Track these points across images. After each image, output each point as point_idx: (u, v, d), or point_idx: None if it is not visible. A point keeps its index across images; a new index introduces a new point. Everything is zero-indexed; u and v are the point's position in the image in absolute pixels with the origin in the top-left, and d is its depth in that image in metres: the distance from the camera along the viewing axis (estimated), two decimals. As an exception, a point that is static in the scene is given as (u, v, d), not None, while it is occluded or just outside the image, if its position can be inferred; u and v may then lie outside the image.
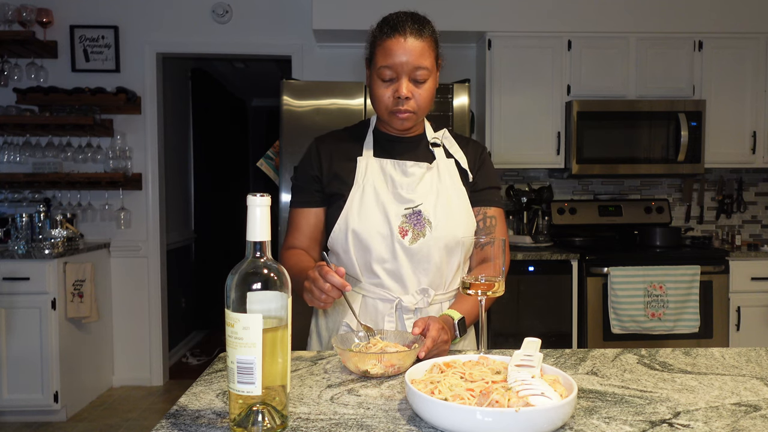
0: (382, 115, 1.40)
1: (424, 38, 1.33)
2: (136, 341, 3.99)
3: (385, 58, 1.33)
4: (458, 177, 1.44)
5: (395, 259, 1.35)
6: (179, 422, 0.85)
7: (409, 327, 1.34)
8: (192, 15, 3.89)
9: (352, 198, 1.38)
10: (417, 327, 1.16)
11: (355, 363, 1.06)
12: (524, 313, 3.38)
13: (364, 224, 1.36)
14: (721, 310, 3.42)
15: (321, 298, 1.15)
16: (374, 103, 1.42)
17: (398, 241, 1.34)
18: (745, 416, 0.86)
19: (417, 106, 1.36)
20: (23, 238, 3.39)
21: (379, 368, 1.05)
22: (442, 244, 1.36)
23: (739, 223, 4.13)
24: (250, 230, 0.80)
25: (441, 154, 1.45)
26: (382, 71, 1.34)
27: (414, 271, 1.36)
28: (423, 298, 1.36)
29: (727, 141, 3.73)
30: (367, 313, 1.38)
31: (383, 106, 1.37)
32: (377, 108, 1.40)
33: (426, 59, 1.33)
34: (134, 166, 3.93)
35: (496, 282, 1.10)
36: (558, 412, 0.78)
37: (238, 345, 0.77)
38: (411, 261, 1.35)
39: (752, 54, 3.72)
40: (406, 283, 1.36)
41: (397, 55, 1.31)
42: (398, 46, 1.31)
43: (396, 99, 1.34)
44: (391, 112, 1.36)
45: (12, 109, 3.71)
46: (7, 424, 3.26)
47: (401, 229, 1.35)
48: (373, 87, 1.39)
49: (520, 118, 3.67)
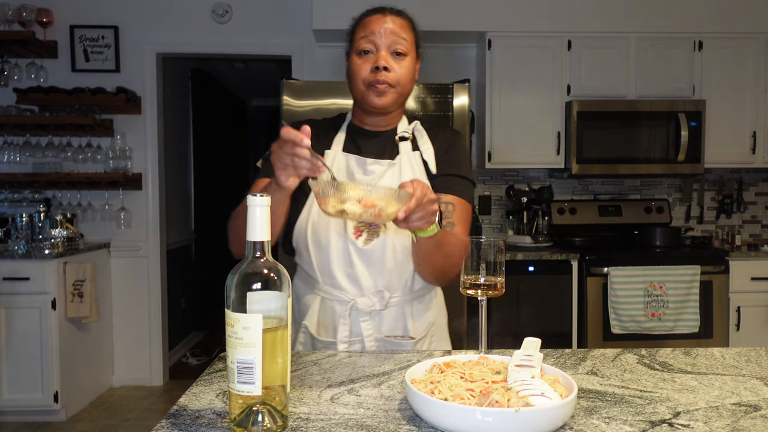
0: (359, 91, 1.34)
1: (404, 18, 1.35)
2: (136, 341, 3.99)
3: (364, 30, 1.32)
4: (422, 172, 1.37)
5: (350, 260, 1.31)
6: (179, 422, 0.85)
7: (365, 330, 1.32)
8: (192, 15, 3.89)
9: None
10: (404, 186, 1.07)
11: (333, 200, 0.99)
12: (524, 313, 3.38)
13: (322, 222, 1.32)
14: (721, 310, 3.42)
15: (296, 159, 1.04)
16: (352, 81, 1.36)
17: (352, 242, 1.31)
18: (745, 416, 0.86)
19: (396, 79, 1.31)
20: (23, 238, 3.40)
21: (358, 207, 0.99)
22: (398, 245, 1.31)
23: (739, 223, 4.13)
24: (250, 230, 0.80)
25: (407, 148, 1.39)
26: (360, 43, 1.32)
27: (369, 273, 1.32)
28: (379, 300, 1.32)
29: (727, 141, 3.73)
30: (325, 315, 1.35)
31: (360, 79, 1.32)
32: (354, 85, 1.34)
33: (406, 34, 1.32)
34: (134, 166, 3.93)
35: (498, 281, 1.10)
36: (558, 412, 0.78)
37: (238, 345, 0.77)
38: (365, 263, 1.31)
39: (752, 54, 3.72)
40: (362, 285, 1.32)
41: (377, 25, 1.31)
42: (378, 19, 1.32)
43: (374, 70, 1.30)
44: (369, 84, 1.31)
45: (12, 109, 3.71)
46: (7, 424, 3.26)
47: (356, 230, 1.32)
48: (351, 65, 1.35)
49: (520, 118, 3.67)
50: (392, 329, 1.35)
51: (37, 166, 3.81)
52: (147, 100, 3.90)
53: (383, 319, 1.34)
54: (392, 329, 1.35)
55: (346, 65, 1.40)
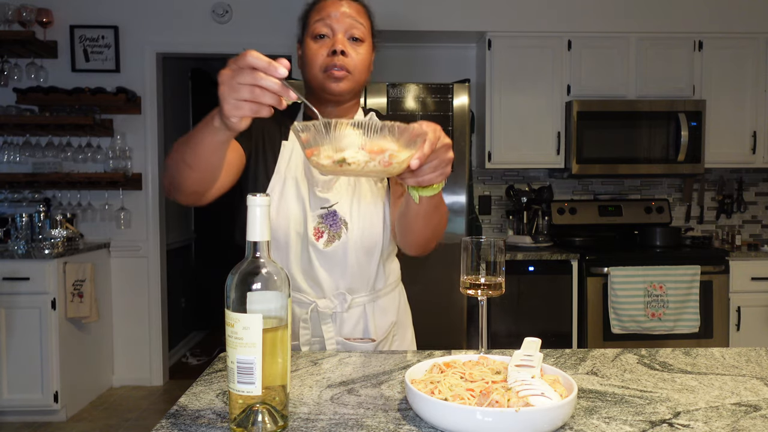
0: (316, 78, 1.26)
1: (360, 4, 1.29)
2: (136, 341, 3.98)
3: (319, 13, 1.26)
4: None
5: (310, 262, 1.26)
6: (179, 422, 0.85)
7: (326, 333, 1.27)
8: (192, 15, 3.89)
9: (272, 189, 1.26)
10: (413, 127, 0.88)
11: (328, 148, 0.80)
12: (524, 313, 3.38)
13: (282, 221, 1.25)
14: (721, 310, 3.42)
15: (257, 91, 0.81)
16: (306, 68, 1.28)
17: (312, 244, 1.25)
18: (745, 416, 0.86)
19: (353, 65, 1.25)
20: (23, 238, 3.40)
21: (362, 155, 0.79)
22: (360, 245, 1.27)
23: (739, 223, 4.13)
24: (250, 230, 0.80)
25: None
26: (316, 26, 1.25)
27: (330, 275, 1.27)
28: (340, 303, 1.28)
29: (727, 141, 3.73)
30: None
31: (317, 66, 1.25)
32: (310, 72, 1.27)
33: (362, 19, 1.27)
34: (134, 166, 3.93)
35: (498, 281, 1.10)
36: (558, 412, 0.78)
37: (238, 345, 0.77)
38: (326, 264, 1.26)
39: (752, 54, 3.72)
40: (323, 287, 1.28)
41: (333, 8, 1.25)
42: (334, 3, 1.26)
43: (331, 55, 1.23)
44: (326, 70, 1.24)
45: (12, 109, 3.71)
46: (7, 424, 3.26)
47: (316, 231, 1.26)
48: (306, 50, 1.28)
49: (520, 118, 3.67)
50: (353, 332, 1.32)
51: (37, 166, 3.81)
52: (147, 100, 3.90)
53: (344, 321, 1.31)
54: (353, 332, 1.32)
55: (299, 53, 1.32)
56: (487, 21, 3.65)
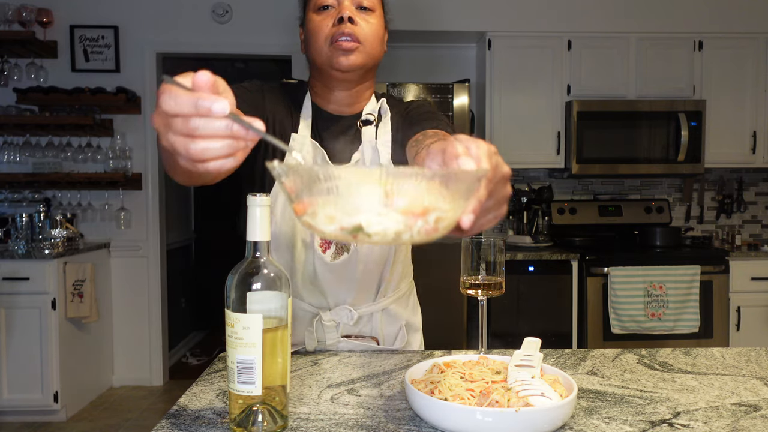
0: (321, 52, 1.11)
1: None
2: (136, 341, 3.98)
3: None
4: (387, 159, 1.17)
5: (315, 273, 1.17)
6: (179, 422, 0.85)
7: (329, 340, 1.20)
8: (192, 15, 3.89)
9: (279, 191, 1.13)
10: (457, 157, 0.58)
11: (332, 208, 0.49)
12: (524, 313, 3.38)
13: (287, 226, 1.15)
14: (721, 310, 3.42)
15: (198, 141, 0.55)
16: (310, 43, 1.14)
17: (319, 256, 1.15)
18: (745, 416, 0.86)
19: (364, 36, 1.10)
20: (23, 238, 3.40)
21: (392, 220, 0.48)
22: (369, 259, 1.17)
23: (739, 223, 4.13)
24: (250, 230, 0.80)
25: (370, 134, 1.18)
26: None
27: (336, 289, 1.18)
28: (346, 316, 1.19)
29: (727, 141, 3.73)
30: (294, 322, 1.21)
31: (322, 38, 1.10)
32: (314, 47, 1.12)
33: None
34: (134, 166, 3.92)
35: (498, 281, 1.10)
36: (558, 412, 0.78)
37: (238, 345, 0.77)
38: (332, 277, 1.17)
39: (752, 54, 3.72)
40: (328, 300, 1.20)
41: None
42: None
43: (338, 24, 1.08)
44: (333, 42, 1.09)
45: (12, 109, 3.71)
46: (7, 424, 3.26)
47: (324, 242, 1.15)
48: (308, 25, 1.13)
49: (520, 118, 3.67)
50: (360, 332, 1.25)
51: (37, 166, 3.80)
52: (147, 100, 3.90)
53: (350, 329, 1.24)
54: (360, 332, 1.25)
55: (301, 37, 1.19)
56: (487, 21, 3.65)
